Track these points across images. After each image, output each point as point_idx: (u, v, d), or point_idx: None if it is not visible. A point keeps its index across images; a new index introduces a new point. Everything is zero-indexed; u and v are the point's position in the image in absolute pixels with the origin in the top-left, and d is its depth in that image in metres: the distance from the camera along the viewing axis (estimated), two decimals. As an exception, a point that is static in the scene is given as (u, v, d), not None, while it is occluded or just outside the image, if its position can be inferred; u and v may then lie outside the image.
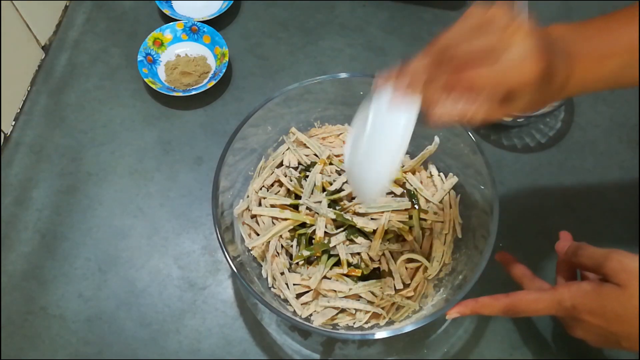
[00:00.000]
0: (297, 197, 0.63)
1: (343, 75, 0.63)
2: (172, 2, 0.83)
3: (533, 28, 0.39)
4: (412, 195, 0.64)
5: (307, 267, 0.60)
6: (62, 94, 0.77)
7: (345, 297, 0.59)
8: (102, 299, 0.63)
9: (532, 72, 0.39)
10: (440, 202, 0.64)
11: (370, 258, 0.60)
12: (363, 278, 0.60)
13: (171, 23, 0.79)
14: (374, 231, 0.60)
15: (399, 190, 0.64)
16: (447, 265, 0.61)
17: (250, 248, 0.62)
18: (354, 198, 0.63)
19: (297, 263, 0.60)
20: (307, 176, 0.64)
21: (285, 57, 0.80)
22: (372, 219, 0.61)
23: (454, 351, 0.61)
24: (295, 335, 0.62)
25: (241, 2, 0.84)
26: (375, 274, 0.60)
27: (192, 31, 0.79)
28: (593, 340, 0.50)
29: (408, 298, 0.59)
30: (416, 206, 0.63)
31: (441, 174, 0.66)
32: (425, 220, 0.63)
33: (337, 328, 0.58)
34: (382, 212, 0.61)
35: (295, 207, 0.63)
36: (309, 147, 0.67)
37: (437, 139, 0.65)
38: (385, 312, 0.58)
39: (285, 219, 0.61)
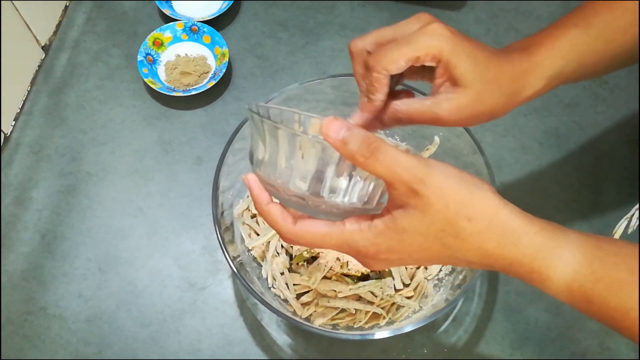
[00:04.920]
0: (297, 197, 0.63)
1: (343, 75, 0.63)
2: (172, 2, 0.83)
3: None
4: (412, 195, 0.63)
5: (307, 267, 0.60)
6: (62, 94, 0.77)
7: (345, 297, 0.59)
8: (102, 299, 0.63)
9: None
10: (440, 202, 0.64)
11: (370, 258, 0.60)
12: (363, 278, 0.60)
13: (171, 23, 0.79)
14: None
15: (399, 190, 0.64)
16: (447, 265, 0.61)
17: (250, 248, 0.62)
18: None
19: (297, 263, 0.60)
20: (307, 176, 0.64)
21: (285, 57, 0.80)
22: (372, 219, 0.61)
23: (454, 351, 0.61)
24: (296, 336, 0.62)
25: (241, 2, 0.84)
26: (376, 274, 0.60)
27: (192, 31, 0.79)
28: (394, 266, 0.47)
29: (408, 298, 0.59)
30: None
31: (441, 174, 0.66)
32: (425, 220, 0.63)
33: (337, 328, 0.58)
34: (382, 212, 0.61)
35: (295, 207, 0.62)
36: (309, 147, 0.66)
37: (437, 139, 0.64)
38: (385, 312, 0.58)
39: (285, 219, 0.61)
